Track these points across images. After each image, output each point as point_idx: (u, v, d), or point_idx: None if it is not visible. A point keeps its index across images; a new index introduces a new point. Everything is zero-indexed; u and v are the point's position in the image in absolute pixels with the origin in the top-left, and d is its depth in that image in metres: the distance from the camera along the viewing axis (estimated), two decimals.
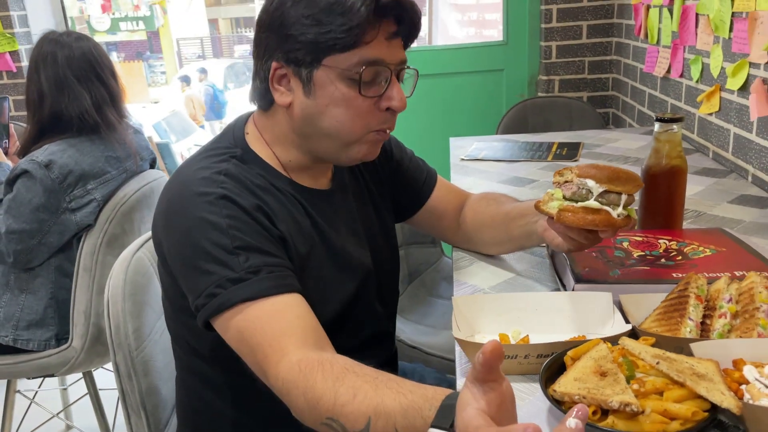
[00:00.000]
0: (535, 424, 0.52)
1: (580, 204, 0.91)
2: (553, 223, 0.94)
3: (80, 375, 1.94)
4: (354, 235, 1.05)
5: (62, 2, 3.09)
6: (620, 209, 0.90)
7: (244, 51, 18.59)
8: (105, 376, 2.30)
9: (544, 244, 1.14)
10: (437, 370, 1.46)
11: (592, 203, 0.90)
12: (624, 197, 0.91)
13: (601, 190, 0.90)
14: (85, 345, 1.69)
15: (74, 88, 1.61)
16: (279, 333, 0.81)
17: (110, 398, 2.11)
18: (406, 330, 1.65)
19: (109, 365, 2.14)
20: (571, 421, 0.53)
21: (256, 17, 0.95)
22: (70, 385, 2.31)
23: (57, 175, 1.58)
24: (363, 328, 1.08)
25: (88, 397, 1.94)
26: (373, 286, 1.08)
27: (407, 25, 0.92)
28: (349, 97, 0.91)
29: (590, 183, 0.90)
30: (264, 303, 0.83)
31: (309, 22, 0.87)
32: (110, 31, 14.40)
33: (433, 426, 0.64)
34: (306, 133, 0.95)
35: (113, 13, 13.91)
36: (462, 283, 1.13)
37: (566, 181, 0.94)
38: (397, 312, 1.23)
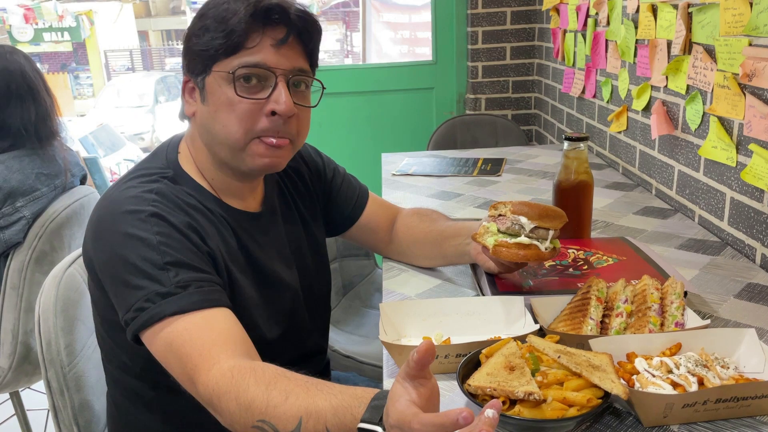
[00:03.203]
0: (469, 409, 0.58)
1: (513, 240, 1.01)
2: (488, 251, 1.04)
3: (5, 397, 1.88)
4: (282, 257, 1.08)
5: None
6: (548, 243, 1.01)
7: (175, 64, 18.19)
8: (32, 397, 2.24)
9: None
10: (370, 378, 1.52)
11: (523, 239, 1.01)
12: (551, 232, 1.02)
13: (532, 226, 1.01)
14: (13, 364, 1.66)
15: (25, 100, 1.61)
16: (209, 343, 0.82)
17: (38, 419, 2.07)
18: (340, 340, 1.69)
19: (36, 385, 2.09)
20: (489, 411, 0.59)
21: None
22: None
23: None
24: (293, 346, 1.10)
25: (13, 419, 1.88)
26: (302, 306, 1.11)
27: (296, 31, 0.93)
28: (231, 100, 0.93)
29: (523, 220, 1.01)
30: (193, 316, 0.84)
31: (200, 33, 0.93)
32: (33, 42, 13.83)
33: (363, 421, 0.67)
34: (207, 142, 0.98)
35: (36, 23, 13.38)
36: (391, 292, 1.19)
37: (500, 215, 1.04)
38: (330, 326, 1.27)
